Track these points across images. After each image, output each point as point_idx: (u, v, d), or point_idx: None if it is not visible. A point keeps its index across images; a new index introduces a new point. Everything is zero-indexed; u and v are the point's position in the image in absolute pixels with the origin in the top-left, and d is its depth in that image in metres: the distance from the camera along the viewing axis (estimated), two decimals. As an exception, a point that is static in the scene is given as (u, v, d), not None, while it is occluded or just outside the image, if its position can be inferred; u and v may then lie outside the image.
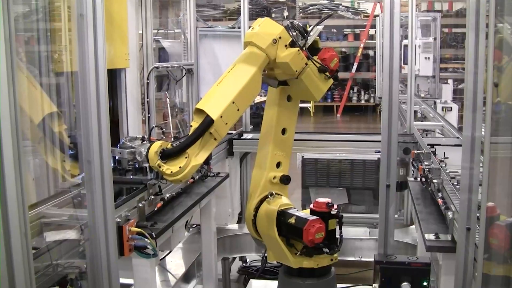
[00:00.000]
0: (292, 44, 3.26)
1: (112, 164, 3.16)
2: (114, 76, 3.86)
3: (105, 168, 2.64)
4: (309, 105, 18.43)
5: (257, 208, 3.55)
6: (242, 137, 5.89)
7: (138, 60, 5.36)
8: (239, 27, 6.45)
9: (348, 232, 5.59)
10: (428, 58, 11.01)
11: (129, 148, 3.59)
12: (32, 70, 2.97)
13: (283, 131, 3.57)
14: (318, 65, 3.32)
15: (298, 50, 3.26)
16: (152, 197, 3.46)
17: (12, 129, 1.96)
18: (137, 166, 3.65)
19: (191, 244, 5.26)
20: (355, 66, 18.30)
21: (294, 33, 3.31)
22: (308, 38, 3.35)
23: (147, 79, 5.22)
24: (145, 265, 3.30)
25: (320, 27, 3.39)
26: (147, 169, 3.78)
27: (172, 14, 14.31)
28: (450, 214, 3.11)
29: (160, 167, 2.95)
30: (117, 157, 3.59)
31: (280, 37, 3.24)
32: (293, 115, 3.61)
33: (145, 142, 3.54)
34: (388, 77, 3.86)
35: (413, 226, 5.61)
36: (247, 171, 6.09)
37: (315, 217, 3.31)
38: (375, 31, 15.92)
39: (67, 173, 3.10)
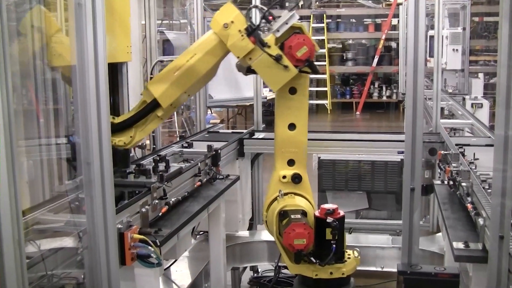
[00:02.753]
0: (249, 30, 3.38)
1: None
2: (115, 71, 3.86)
3: (106, 170, 2.64)
4: (326, 102, 18.41)
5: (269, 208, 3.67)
6: (253, 137, 5.88)
7: (141, 53, 5.37)
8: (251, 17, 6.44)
9: (369, 239, 5.57)
10: (457, 50, 10.97)
11: None
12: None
13: (291, 127, 3.60)
14: (270, 54, 3.40)
15: (242, 35, 3.37)
16: (156, 201, 3.46)
17: (6, 129, 1.96)
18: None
19: (198, 252, 5.26)
20: (376, 59, 18.24)
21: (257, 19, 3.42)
22: (273, 24, 3.43)
23: (151, 73, 5.23)
24: (148, 275, 3.30)
25: (290, 13, 3.45)
26: (151, 171, 3.79)
27: (177, 3, 14.35)
28: (481, 221, 3.08)
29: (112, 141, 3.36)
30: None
31: (232, 22, 3.40)
32: (301, 109, 3.64)
33: None
34: (412, 71, 3.83)
35: (440, 234, 5.57)
36: (259, 173, 6.09)
37: (302, 221, 3.32)
38: (398, 20, 15.87)
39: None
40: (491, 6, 16.97)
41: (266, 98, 14.03)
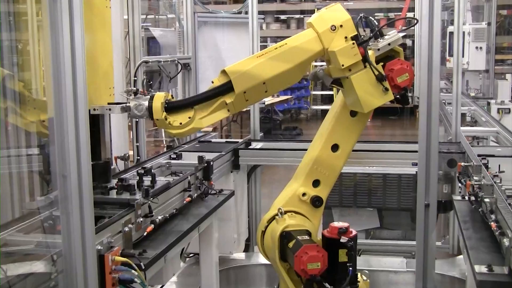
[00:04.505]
0: (354, 39, 3.40)
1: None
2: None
3: (84, 185, 2.65)
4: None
5: (270, 222, 3.66)
6: (250, 147, 5.90)
7: (124, 53, 5.39)
8: (247, 12, 6.47)
9: (381, 263, 5.59)
10: (480, 48, 10.99)
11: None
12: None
13: (335, 148, 3.65)
14: (376, 72, 3.44)
15: (353, 43, 3.38)
16: (141, 219, 3.47)
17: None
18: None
19: (188, 277, 5.27)
20: (389, 59, 18.24)
21: (363, 30, 3.48)
22: (381, 40, 3.52)
23: (135, 76, 5.25)
24: (131, 303, 3.31)
25: (400, 35, 3.55)
26: (135, 186, 3.81)
27: (164, -4, 14.38)
28: (506, 241, 3.10)
29: (166, 119, 3.41)
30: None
31: (341, 26, 3.41)
32: (352, 134, 3.72)
33: (139, 95, 3.55)
34: (426, 71, 3.86)
35: (460, 256, 5.59)
36: (256, 188, 6.09)
37: (313, 243, 3.33)
38: (414, 15, 15.91)
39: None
40: (520, -2, 17.00)
41: (264, 103, 14.08)
